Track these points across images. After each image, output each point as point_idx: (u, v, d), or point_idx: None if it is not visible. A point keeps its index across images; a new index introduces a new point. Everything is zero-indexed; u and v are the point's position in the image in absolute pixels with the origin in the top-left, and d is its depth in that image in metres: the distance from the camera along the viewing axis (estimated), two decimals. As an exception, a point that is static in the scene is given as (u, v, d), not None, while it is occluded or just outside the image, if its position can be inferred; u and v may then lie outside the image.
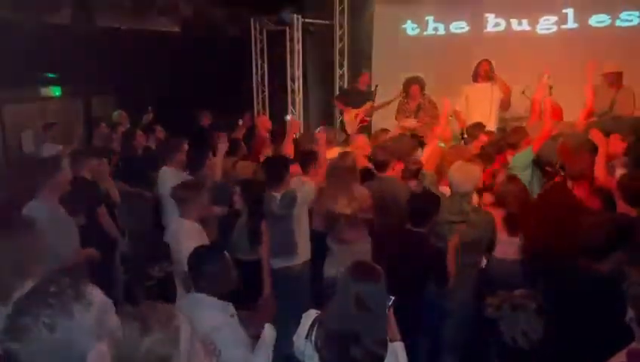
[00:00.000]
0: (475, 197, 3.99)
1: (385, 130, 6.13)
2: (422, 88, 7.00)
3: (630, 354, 1.96)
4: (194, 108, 7.59)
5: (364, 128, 7.72)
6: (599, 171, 3.64)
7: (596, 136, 4.01)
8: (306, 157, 4.42)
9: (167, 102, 7.57)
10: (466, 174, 3.63)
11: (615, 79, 5.72)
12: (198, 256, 2.51)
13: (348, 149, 5.47)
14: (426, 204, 3.46)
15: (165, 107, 7.36)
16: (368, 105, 7.70)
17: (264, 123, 6.77)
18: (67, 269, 3.07)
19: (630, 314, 1.94)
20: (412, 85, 6.98)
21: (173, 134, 5.69)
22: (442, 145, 5.34)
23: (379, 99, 7.81)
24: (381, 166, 4.34)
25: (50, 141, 6.01)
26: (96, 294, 1.24)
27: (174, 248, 3.36)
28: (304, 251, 4.03)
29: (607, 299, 2.18)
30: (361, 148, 5.26)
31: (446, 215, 3.59)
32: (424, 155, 4.92)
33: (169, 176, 4.51)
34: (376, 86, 7.93)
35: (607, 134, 4.18)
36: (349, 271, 2.30)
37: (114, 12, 7.21)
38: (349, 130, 7.74)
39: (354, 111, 7.74)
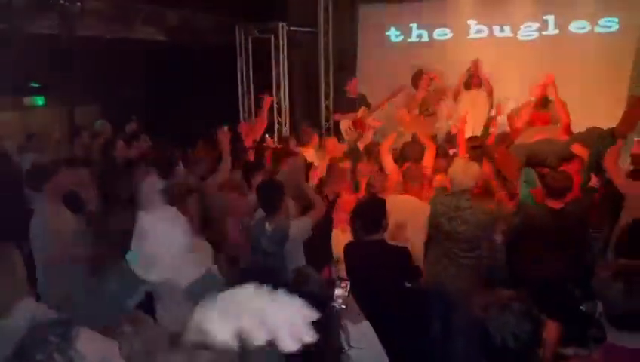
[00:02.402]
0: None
1: None
2: (431, 80, 6.99)
3: (605, 350, 1.99)
4: (179, 116, 7.59)
5: (360, 133, 7.70)
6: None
7: (577, 149, 4.32)
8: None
9: (152, 111, 7.58)
10: (464, 170, 3.78)
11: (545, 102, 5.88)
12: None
13: (322, 152, 5.59)
14: (373, 210, 3.43)
15: (150, 116, 7.35)
16: (362, 110, 7.61)
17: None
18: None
19: (600, 308, 1.98)
20: (423, 75, 6.94)
21: (158, 143, 5.67)
22: None
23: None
24: None
25: (32, 151, 5.97)
26: (92, 350, 1.13)
27: None
28: None
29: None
30: (332, 151, 5.42)
31: (444, 209, 3.74)
32: None
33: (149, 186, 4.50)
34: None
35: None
36: None
37: (98, 21, 7.20)
38: (348, 138, 7.73)
39: (348, 120, 7.70)
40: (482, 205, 3.80)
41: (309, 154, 5.78)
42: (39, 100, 7.96)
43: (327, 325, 2.05)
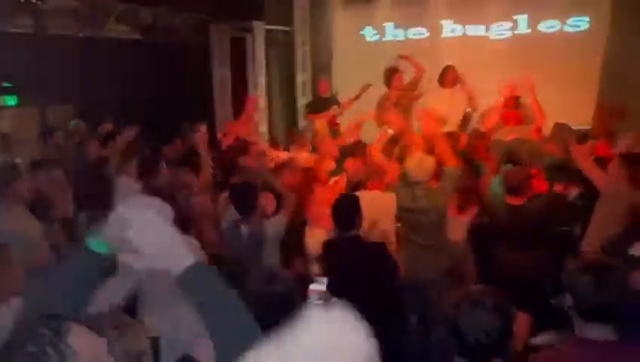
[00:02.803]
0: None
1: None
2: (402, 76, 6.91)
3: (574, 342, 2.04)
4: (155, 115, 7.51)
5: (335, 131, 7.71)
6: None
7: (552, 149, 4.46)
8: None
9: (127, 110, 7.47)
10: (418, 164, 3.91)
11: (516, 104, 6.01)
12: None
13: (317, 154, 5.60)
14: (347, 208, 3.46)
15: (126, 115, 7.25)
16: (334, 108, 7.63)
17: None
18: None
19: (568, 301, 2.02)
20: (396, 73, 6.87)
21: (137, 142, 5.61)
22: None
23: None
24: None
25: (3, 152, 5.87)
26: (83, 345, 1.12)
27: None
28: None
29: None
30: (328, 152, 5.44)
31: (403, 202, 3.90)
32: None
33: (125, 186, 4.46)
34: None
35: None
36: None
37: (71, 19, 7.09)
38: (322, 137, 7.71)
39: (323, 119, 7.70)
40: (435, 188, 3.93)
41: (303, 157, 5.76)
42: (11, 100, 7.79)
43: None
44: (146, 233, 1.19)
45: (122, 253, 1.23)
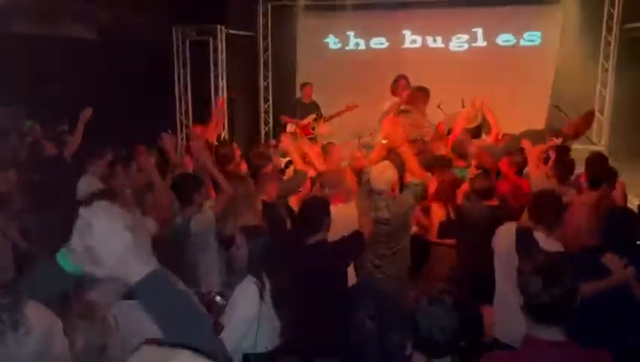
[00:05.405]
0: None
1: None
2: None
3: (525, 342, 2.11)
4: (114, 118, 7.34)
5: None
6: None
7: (527, 144, 4.66)
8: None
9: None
10: (380, 174, 3.89)
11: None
12: None
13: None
14: (315, 209, 3.44)
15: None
16: (311, 117, 7.56)
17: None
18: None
19: (520, 301, 2.07)
20: (402, 80, 6.68)
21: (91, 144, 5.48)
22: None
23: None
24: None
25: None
26: (38, 318, 1.12)
27: None
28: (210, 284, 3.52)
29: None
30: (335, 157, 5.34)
31: (367, 211, 3.83)
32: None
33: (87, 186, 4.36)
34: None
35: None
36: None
37: (25, 17, 6.88)
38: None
39: (294, 125, 7.59)
40: (396, 198, 3.94)
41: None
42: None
43: None
44: (106, 240, 1.17)
45: (87, 263, 1.21)
